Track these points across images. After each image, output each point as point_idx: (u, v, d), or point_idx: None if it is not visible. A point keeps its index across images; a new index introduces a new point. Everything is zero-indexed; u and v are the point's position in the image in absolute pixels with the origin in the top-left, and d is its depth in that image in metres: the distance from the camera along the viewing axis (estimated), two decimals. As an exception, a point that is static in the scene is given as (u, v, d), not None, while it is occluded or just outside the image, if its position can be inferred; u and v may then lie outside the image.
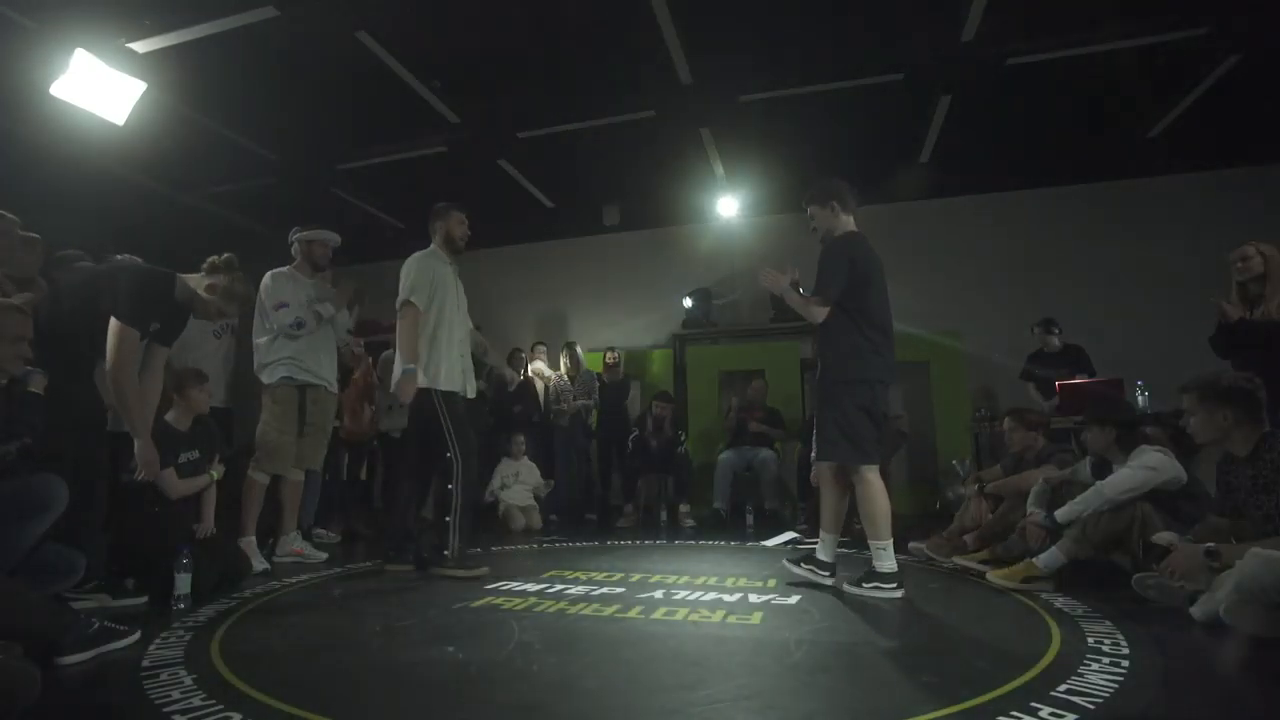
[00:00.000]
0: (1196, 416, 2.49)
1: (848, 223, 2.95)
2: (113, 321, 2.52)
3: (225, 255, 2.92)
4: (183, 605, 2.52)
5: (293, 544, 3.72)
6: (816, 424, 2.95)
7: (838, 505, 2.93)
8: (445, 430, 3.24)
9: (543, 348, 6.57)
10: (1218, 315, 3.32)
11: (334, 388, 3.90)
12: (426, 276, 3.36)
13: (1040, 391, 5.34)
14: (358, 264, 7.80)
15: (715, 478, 5.72)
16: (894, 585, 2.68)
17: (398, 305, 3.33)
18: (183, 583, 2.56)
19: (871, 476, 2.75)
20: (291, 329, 3.63)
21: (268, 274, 3.76)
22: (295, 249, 3.89)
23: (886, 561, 2.72)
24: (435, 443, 3.28)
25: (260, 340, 3.70)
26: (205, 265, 2.90)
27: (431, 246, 3.53)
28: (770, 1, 4.25)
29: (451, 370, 3.35)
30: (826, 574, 2.87)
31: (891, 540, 2.74)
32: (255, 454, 3.60)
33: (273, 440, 3.59)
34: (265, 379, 3.64)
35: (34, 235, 2.75)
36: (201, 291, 2.84)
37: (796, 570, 2.96)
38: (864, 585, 2.69)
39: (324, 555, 3.79)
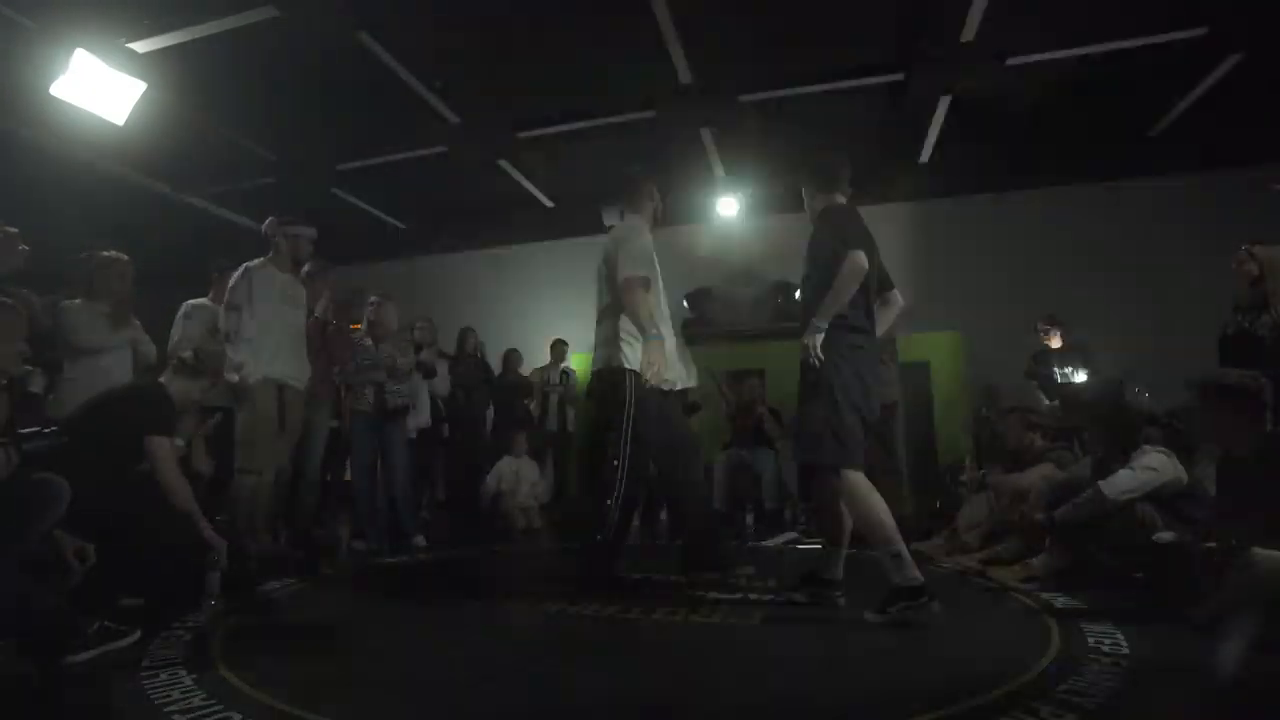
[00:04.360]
0: (1201, 412, 2.49)
1: (829, 200, 2.66)
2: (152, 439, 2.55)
3: (194, 350, 2.92)
4: (215, 604, 2.54)
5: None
6: (803, 417, 2.51)
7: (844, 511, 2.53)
8: (624, 428, 2.83)
9: (564, 345, 6.61)
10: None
11: (303, 384, 3.76)
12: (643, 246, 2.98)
13: (1044, 391, 5.32)
14: (358, 264, 7.82)
15: (715, 478, 5.71)
16: (925, 598, 2.25)
17: (621, 281, 2.89)
18: (211, 581, 2.59)
19: (856, 477, 2.40)
20: (231, 335, 3.49)
21: (242, 268, 3.61)
22: (280, 242, 3.73)
23: (905, 570, 2.28)
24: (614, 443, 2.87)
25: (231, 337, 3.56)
26: (183, 371, 2.84)
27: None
28: (770, 1, 4.25)
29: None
30: (838, 594, 2.56)
31: (903, 544, 2.32)
32: (239, 455, 3.49)
33: (256, 439, 3.51)
34: (245, 377, 3.49)
35: (9, 230, 2.73)
36: (194, 392, 2.85)
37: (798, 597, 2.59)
38: (890, 610, 2.26)
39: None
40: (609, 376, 2.89)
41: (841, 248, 2.39)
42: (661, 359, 2.80)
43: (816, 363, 2.40)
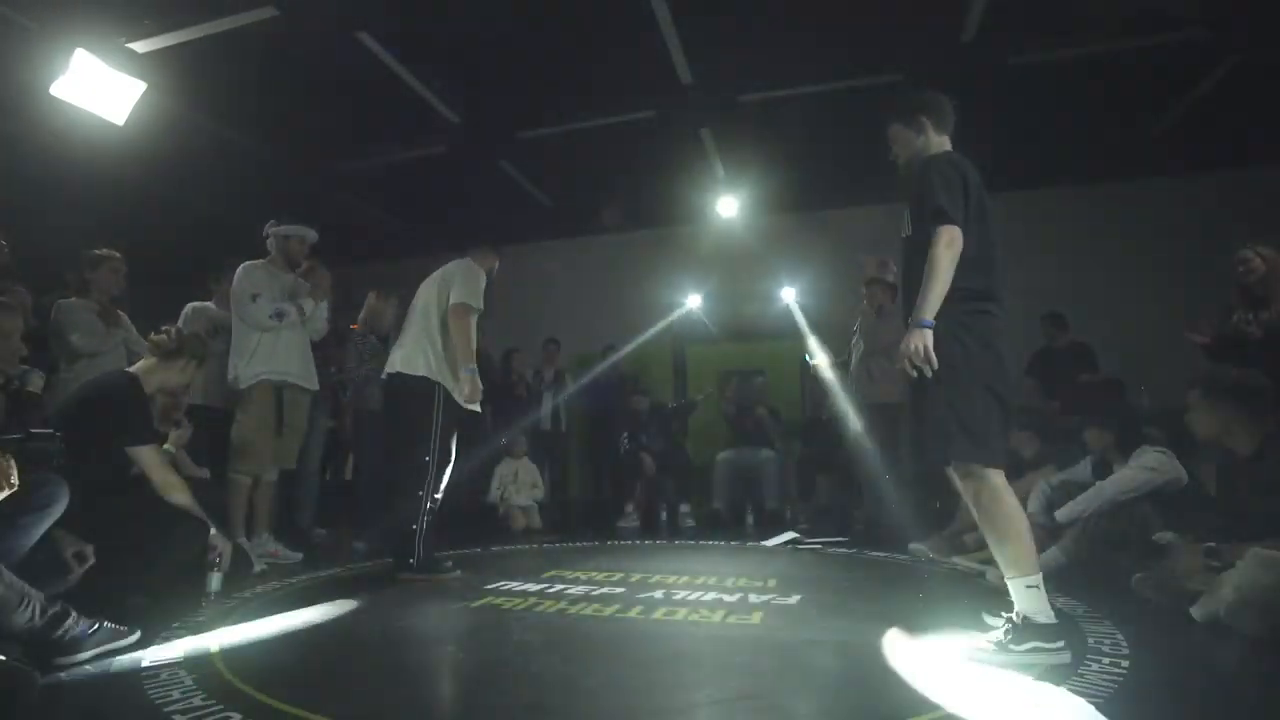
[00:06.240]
0: (1200, 412, 2.49)
1: (942, 143, 2.26)
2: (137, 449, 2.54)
3: (165, 329, 2.85)
4: (215, 604, 2.57)
5: (266, 545, 3.62)
6: (919, 409, 2.06)
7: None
8: (432, 432, 3.14)
9: (554, 346, 6.61)
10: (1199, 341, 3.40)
11: (312, 384, 3.80)
12: (482, 284, 3.35)
13: (1044, 390, 5.31)
14: (357, 264, 7.81)
15: (715, 478, 5.71)
16: (1058, 644, 1.82)
17: (454, 304, 3.24)
18: (214, 580, 2.62)
19: (998, 480, 1.95)
20: (273, 320, 3.55)
21: (240, 266, 3.66)
22: (271, 244, 3.80)
23: (1038, 606, 1.85)
24: (416, 442, 3.16)
25: (236, 339, 3.62)
26: (157, 352, 2.77)
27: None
28: (770, 1, 4.25)
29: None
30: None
31: (1040, 574, 1.90)
32: (233, 456, 3.52)
33: (251, 441, 3.52)
34: (242, 380, 3.55)
35: None
36: (173, 376, 2.78)
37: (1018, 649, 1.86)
38: (1015, 649, 1.81)
39: (299, 555, 3.71)
40: (418, 384, 3.18)
41: (947, 208, 1.96)
42: (476, 389, 3.23)
43: (929, 371, 1.92)
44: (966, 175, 2.07)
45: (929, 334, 1.92)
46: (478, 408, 3.35)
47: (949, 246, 1.94)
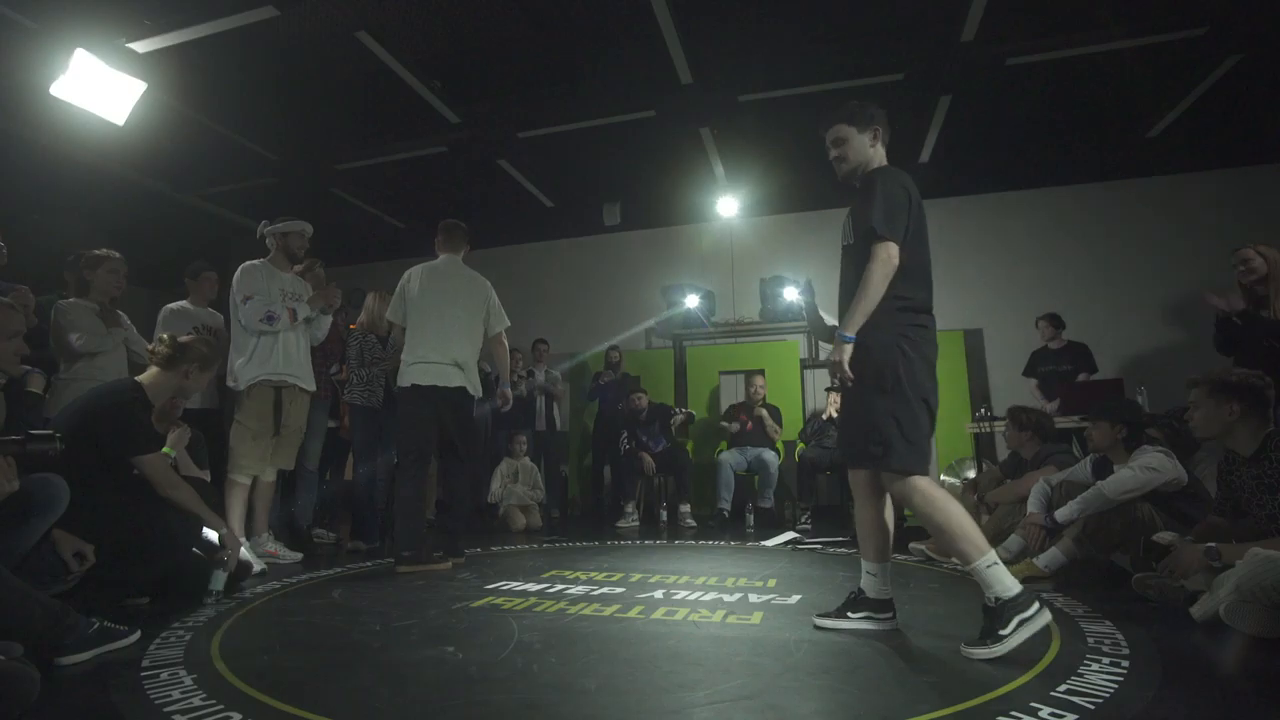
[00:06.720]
0: (1203, 410, 2.48)
1: (883, 157, 2.28)
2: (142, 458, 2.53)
3: (161, 337, 2.77)
4: (216, 603, 2.59)
5: (265, 545, 3.62)
6: (853, 415, 2.14)
7: (885, 523, 2.21)
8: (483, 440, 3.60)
9: (544, 345, 6.59)
10: (1215, 309, 3.37)
11: (310, 385, 3.78)
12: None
13: (1043, 390, 5.33)
14: (357, 264, 7.82)
15: (718, 478, 5.71)
16: (1035, 608, 1.88)
17: (500, 332, 3.81)
18: (217, 579, 2.63)
19: (923, 482, 2.03)
20: (264, 324, 3.52)
21: (240, 267, 3.64)
22: (270, 242, 3.79)
23: (1005, 582, 1.90)
24: (474, 446, 3.56)
25: (234, 340, 3.61)
26: (158, 360, 2.69)
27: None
28: (770, 2, 4.25)
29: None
30: (887, 616, 2.19)
31: (994, 550, 1.97)
32: (230, 457, 3.51)
33: (249, 442, 3.52)
34: (239, 381, 3.54)
35: None
36: (178, 382, 2.71)
37: (845, 624, 2.20)
38: (1004, 632, 1.85)
39: (299, 555, 3.72)
40: (472, 401, 3.69)
41: (883, 227, 2.00)
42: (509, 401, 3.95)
43: (849, 383, 2.02)
44: (910, 192, 2.12)
45: (848, 349, 2.00)
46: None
47: (884, 264, 2.00)
